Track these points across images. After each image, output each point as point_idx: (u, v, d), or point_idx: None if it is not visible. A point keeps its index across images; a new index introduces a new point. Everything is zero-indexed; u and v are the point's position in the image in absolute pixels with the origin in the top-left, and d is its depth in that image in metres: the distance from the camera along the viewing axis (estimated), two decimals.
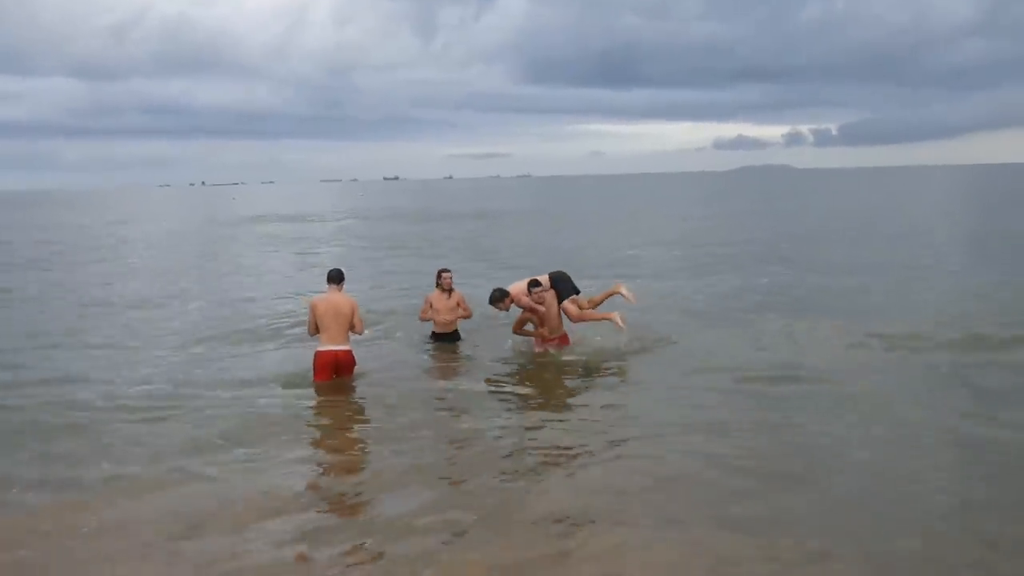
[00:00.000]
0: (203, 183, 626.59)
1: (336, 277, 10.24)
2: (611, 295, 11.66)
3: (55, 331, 14.16)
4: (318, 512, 6.49)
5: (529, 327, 11.55)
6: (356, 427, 8.94)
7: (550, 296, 11.36)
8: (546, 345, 11.42)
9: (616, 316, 11.26)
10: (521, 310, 11.43)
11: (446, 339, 12.14)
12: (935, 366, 10.54)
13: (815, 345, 11.74)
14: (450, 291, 12.09)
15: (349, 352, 10.13)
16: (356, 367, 10.26)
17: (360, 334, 10.31)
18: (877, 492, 6.60)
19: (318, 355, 10.06)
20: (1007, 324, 12.56)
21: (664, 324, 13.12)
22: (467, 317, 12.19)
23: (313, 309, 10.03)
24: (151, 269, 24.77)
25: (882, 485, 6.75)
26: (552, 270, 11.94)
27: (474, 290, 13.89)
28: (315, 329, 10.08)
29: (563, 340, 11.52)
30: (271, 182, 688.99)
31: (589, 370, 10.68)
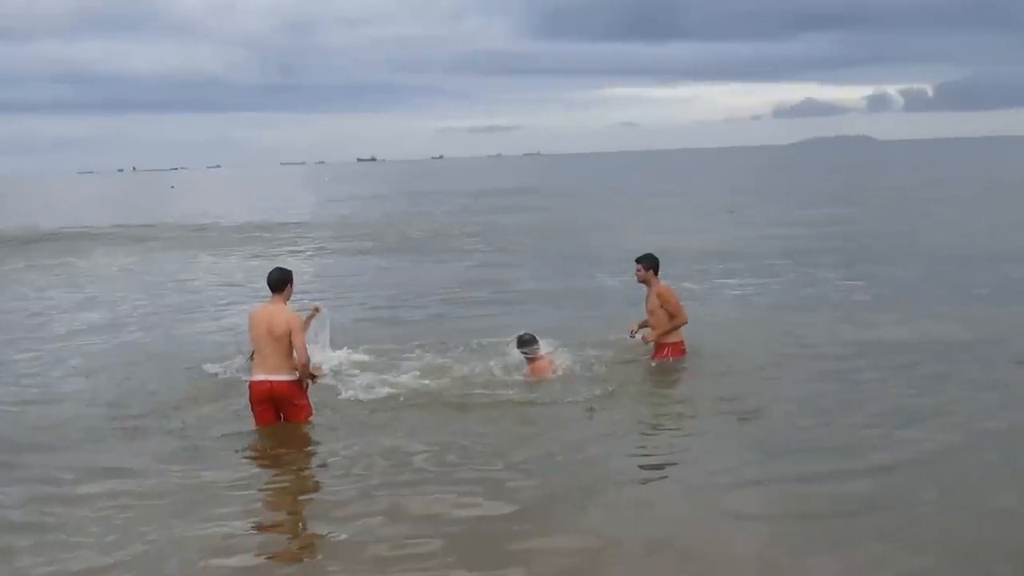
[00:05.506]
0: (134, 168, 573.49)
1: (276, 282, 7.63)
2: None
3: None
4: None
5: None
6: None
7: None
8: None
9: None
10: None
11: None
12: None
13: None
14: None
15: (290, 384, 7.56)
16: (311, 413, 7.85)
17: (301, 365, 7.54)
18: None
19: (250, 387, 7.69)
20: None
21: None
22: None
23: (248, 320, 7.77)
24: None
25: None
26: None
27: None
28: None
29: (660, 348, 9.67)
30: (218, 166, 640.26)
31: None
